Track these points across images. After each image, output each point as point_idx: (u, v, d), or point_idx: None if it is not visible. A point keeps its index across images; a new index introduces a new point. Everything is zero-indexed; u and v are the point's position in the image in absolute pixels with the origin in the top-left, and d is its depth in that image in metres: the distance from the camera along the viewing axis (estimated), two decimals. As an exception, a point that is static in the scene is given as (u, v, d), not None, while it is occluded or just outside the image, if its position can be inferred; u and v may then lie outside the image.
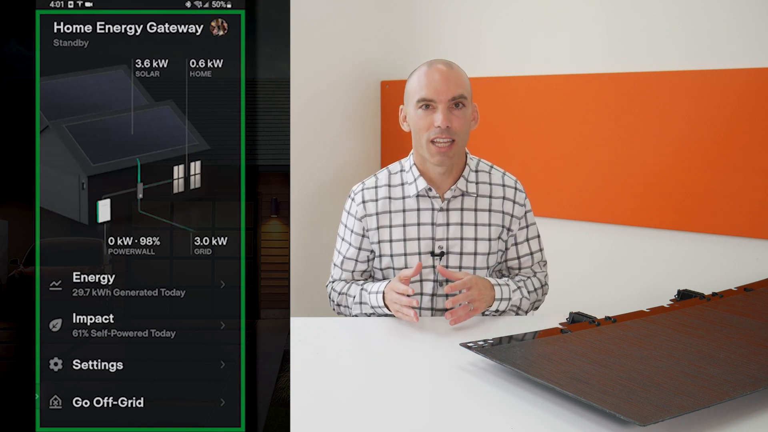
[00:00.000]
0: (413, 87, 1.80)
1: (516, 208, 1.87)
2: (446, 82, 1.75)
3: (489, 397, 1.30)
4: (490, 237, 1.84)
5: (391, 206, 1.86)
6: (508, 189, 1.87)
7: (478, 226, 1.84)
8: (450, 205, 1.84)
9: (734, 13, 2.40)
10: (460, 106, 1.77)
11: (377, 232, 1.86)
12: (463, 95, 1.76)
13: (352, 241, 1.90)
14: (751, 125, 2.36)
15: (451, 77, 1.76)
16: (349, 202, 1.92)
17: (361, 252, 1.90)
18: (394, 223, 1.85)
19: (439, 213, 1.83)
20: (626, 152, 2.65)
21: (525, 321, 1.77)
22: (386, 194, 1.87)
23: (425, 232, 1.83)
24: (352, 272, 1.93)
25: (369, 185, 1.90)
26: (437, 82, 1.75)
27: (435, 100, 1.75)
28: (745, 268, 2.34)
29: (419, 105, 1.77)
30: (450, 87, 1.75)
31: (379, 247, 1.86)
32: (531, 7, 2.92)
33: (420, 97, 1.77)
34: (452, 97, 1.75)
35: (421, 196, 1.84)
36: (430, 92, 1.75)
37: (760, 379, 1.27)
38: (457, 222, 1.83)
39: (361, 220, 1.88)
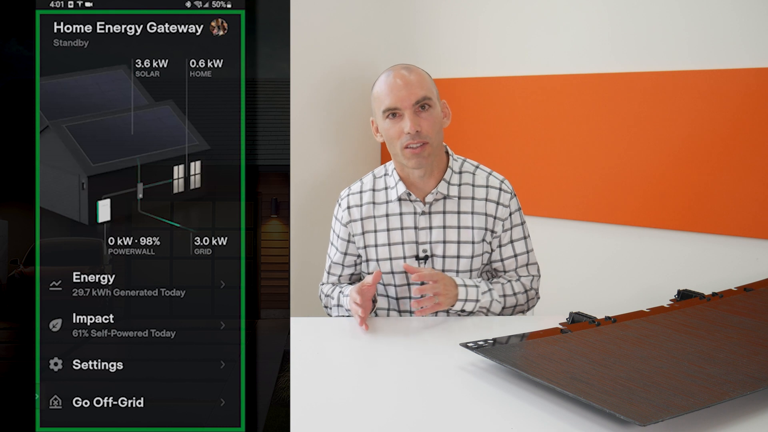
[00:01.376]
0: (377, 98, 1.80)
1: (499, 209, 1.84)
2: (407, 87, 1.74)
3: (489, 397, 1.30)
4: (473, 240, 1.82)
5: (374, 211, 1.86)
6: (491, 190, 1.85)
7: (461, 229, 1.82)
8: (432, 208, 1.83)
9: (735, 13, 2.40)
10: (427, 108, 1.75)
11: (362, 237, 1.87)
12: (426, 96, 1.75)
13: (338, 246, 1.92)
14: (752, 125, 2.36)
15: (412, 81, 1.75)
16: (337, 207, 1.94)
17: (347, 257, 1.92)
18: (378, 227, 1.85)
19: (421, 217, 1.83)
20: (626, 152, 2.65)
21: (525, 321, 1.77)
22: (370, 199, 1.87)
23: (409, 236, 1.83)
24: (339, 276, 1.96)
25: (354, 190, 1.91)
26: (399, 88, 1.74)
27: (400, 107, 1.74)
28: (745, 268, 2.35)
29: (386, 115, 1.77)
30: (412, 91, 1.74)
31: (365, 252, 1.88)
32: (530, 6, 2.92)
33: (385, 107, 1.76)
34: (416, 100, 1.74)
35: (403, 200, 1.84)
36: (393, 100, 1.74)
37: (760, 379, 1.27)
38: (439, 225, 1.82)
39: (347, 225, 1.89)
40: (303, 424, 1.17)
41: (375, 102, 1.81)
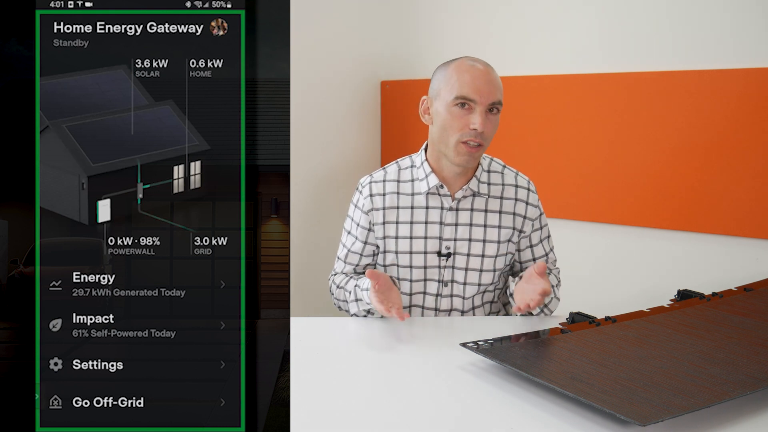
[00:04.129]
0: (450, 81, 1.71)
1: (529, 209, 1.84)
2: (489, 85, 1.70)
3: (489, 397, 1.30)
4: (499, 239, 1.81)
5: (399, 202, 1.82)
6: (520, 190, 1.84)
7: (488, 227, 1.81)
8: (460, 205, 1.80)
9: (732, 13, 2.40)
10: (495, 112, 1.72)
11: (383, 227, 1.83)
12: (500, 101, 1.72)
13: (359, 235, 1.86)
14: (750, 125, 2.36)
15: (493, 81, 1.71)
16: (357, 194, 1.88)
17: (366, 246, 1.86)
18: (401, 219, 1.82)
19: (449, 212, 1.80)
20: (626, 152, 2.65)
21: (525, 321, 1.77)
22: (395, 189, 1.83)
23: (433, 231, 1.80)
24: (355, 266, 1.89)
25: (377, 178, 1.86)
26: (481, 83, 1.69)
27: (476, 100, 1.68)
28: (745, 268, 2.34)
29: (456, 102, 1.70)
30: (492, 90, 1.70)
31: (384, 243, 1.83)
32: (530, 7, 2.91)
33: (460, 94, 1.69)
34: (493, 101, 1.70)
35: (431, 194, 1.81)
36: (472, 91, 1.68)
37: (760, 379, 1.27)
38: (466, 222, 1.80)
39: (368, 213, 1.84)
40: (303, 424, 1.17)
41: (447, 83, 1.72)
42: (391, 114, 3.40)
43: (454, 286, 1.81)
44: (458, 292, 1.82)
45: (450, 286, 1.81)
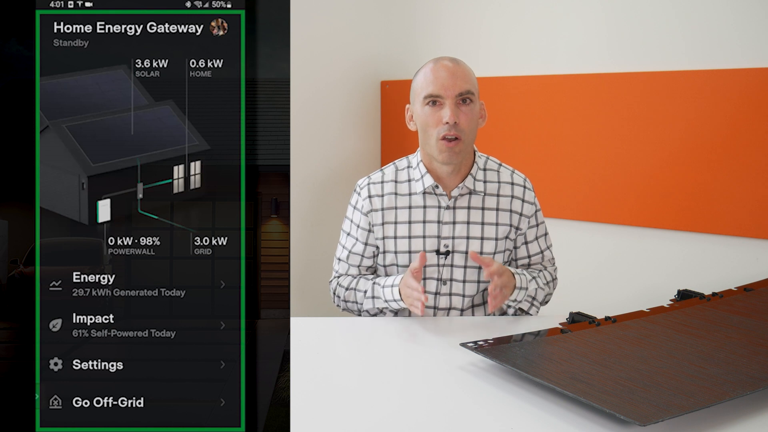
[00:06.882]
0: (419, 84, 1.78)
1: (525, 206, 1.86)
2: (453, 78, 1.73)
3: (489, 397, 1.30)
4: (497, 236, 1.83)
5: (396, 202, 1.84)
6: (516, 187, 1.86)
7: (485, 225, 1.82)
8: (457, 203, 1.82)
9: (733, 13, 2.40)
10: (468, 102, 1.75)
11: (382, 227, 1.84)
12: (470, 90, 1.74)
13: (359, 237, 1.87)
14: (751, 125, 2.36)
15: (458, 72, 1.75)
16: (355, 196, 1.89)
17: (367, 247, 1.87)
18: (399, 219, 1.83)
19: (446, 211, 1.81)
20: (626, 152, 2.65)
21: (525, 321, 1.77)
22: (392, 190, 1.85)
23: (431, 230, 1.81)
24: (358, 267, 1.90)
25: (375, 180, 1.87)
26: (444, 77, 1.73)
27: (442, 95, 1.73)
28: (745, 268, 2.34)
29: (426, 102, 1.75)
30: (457, 82, 1.73)
31: (383, 243, 1.84)
32: (531, 6, 2.92)
33: (427, 93, 1.74)
34: (459, 92, 1.73)
35: (428, 194, 1.82)
36: (436, 88, 1.73)
37: (760, 379, 1.27)
38: (463, 221, 1.82)
39: (367, 215, 1.85)
40: (303, 424, 1.17)
41: (416, 88, 1.79)
42: (391, 114, 3.40)
43: (454, 284, 1.82)
44: (458, 291, 1.82)
45: (449, 285, 1.82)
